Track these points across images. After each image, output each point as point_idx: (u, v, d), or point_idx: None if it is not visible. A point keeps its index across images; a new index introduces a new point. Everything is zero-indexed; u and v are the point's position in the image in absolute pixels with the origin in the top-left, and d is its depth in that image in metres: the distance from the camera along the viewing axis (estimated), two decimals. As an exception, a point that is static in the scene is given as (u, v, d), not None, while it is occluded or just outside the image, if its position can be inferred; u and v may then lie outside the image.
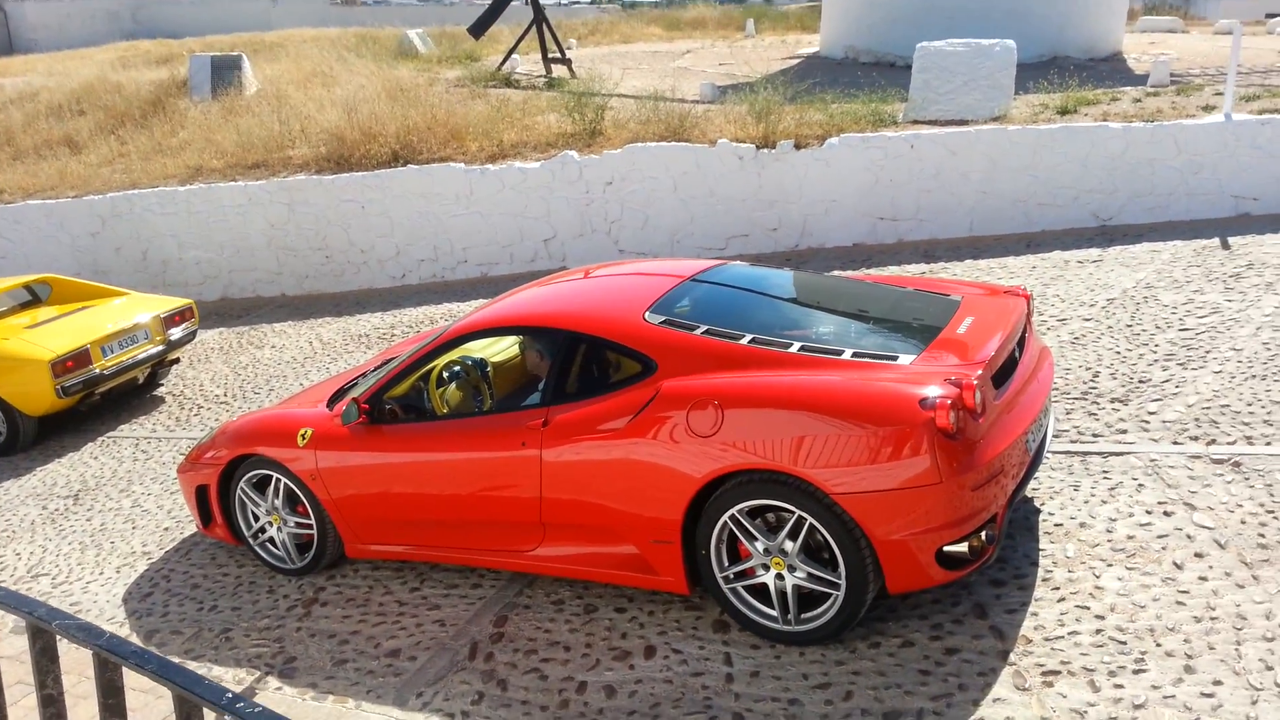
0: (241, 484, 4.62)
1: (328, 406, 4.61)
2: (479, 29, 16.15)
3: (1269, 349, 5.33)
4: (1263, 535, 3.70)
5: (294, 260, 9.93)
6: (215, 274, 10.16)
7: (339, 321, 8.94)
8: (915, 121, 9.21)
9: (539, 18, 14.90)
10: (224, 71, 13.86)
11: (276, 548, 4.65)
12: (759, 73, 13.41)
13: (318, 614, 4.27)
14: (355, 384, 4.86)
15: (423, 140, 10.13)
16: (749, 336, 3.65)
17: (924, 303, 4.16)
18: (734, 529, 3.44)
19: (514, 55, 15.39)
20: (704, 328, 3.72)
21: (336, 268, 9.87)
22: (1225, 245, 7.25)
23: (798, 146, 8.69)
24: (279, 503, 4.55)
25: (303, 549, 4.60)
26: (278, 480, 4.52)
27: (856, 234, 8.63)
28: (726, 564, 3.51)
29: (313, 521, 4.47)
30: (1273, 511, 3.85)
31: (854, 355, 3.49)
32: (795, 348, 3.57)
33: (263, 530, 4.67)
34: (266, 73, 14.59)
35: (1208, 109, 8.75)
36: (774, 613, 3.46)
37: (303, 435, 4.41)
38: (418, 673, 3.72)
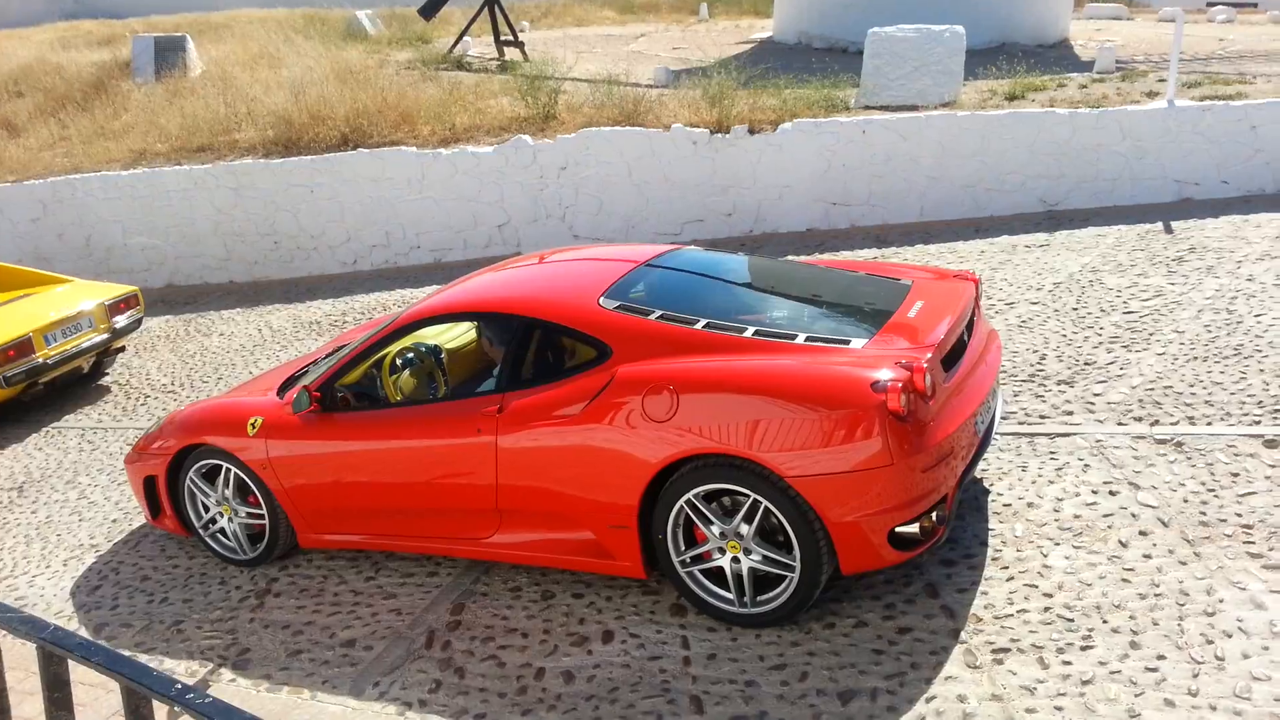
0: (191, 474, 4.53)
1: (278, 395, 4.54)
2: (430, 10, 15.91)
3: (1210, 331, 5.48)
4: (1204, 513, 3.81)
5: (242, 246, 9.72)
6: (161, 260, 9.92)
7: (289, 308, 8.78)
8: (867, 107, 9.28)
9: (491, 0, 14.72)
10: (168, 53, 13.49)
11: (228, 538, 4.57)
12: (713, 57, 13.40)
13: (271, 605, 4.21)
14: (306, 372, 4.78)
15: (373, 123, 9.97)
16: (704, 321, 3.66)
17: (875, 287, 4.22)
18: (690, 513, 3.46)
19: (466, 38, 15.20)
20: (659, 313, 3.72)
21: (285, 254, 9.69)
22: (1168, 229, 7.42)
23: (751, 132, 8.71)
24: (229, 493, 4.47)
25: (254, 539, 4.52)
26: (228, 470, 4.44)
27: (809, 219, 8.68)
28: (683, 548, 3.53)
29: (264, 511, 4.40)
30: (1213, 490, 3.96)
31: (807, 339, 3.52)
32: (749, 332, 3.59)
33: (213, 521, 4.59)
34: (212, 54, 14.23)
35: (1151, 95, 8.95)
36: (730, 595, 3.50)
37: (253, 424, 4.33)
38: (374, 662, 3.69)
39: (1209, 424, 4.50)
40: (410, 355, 4.41)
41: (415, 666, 3.63)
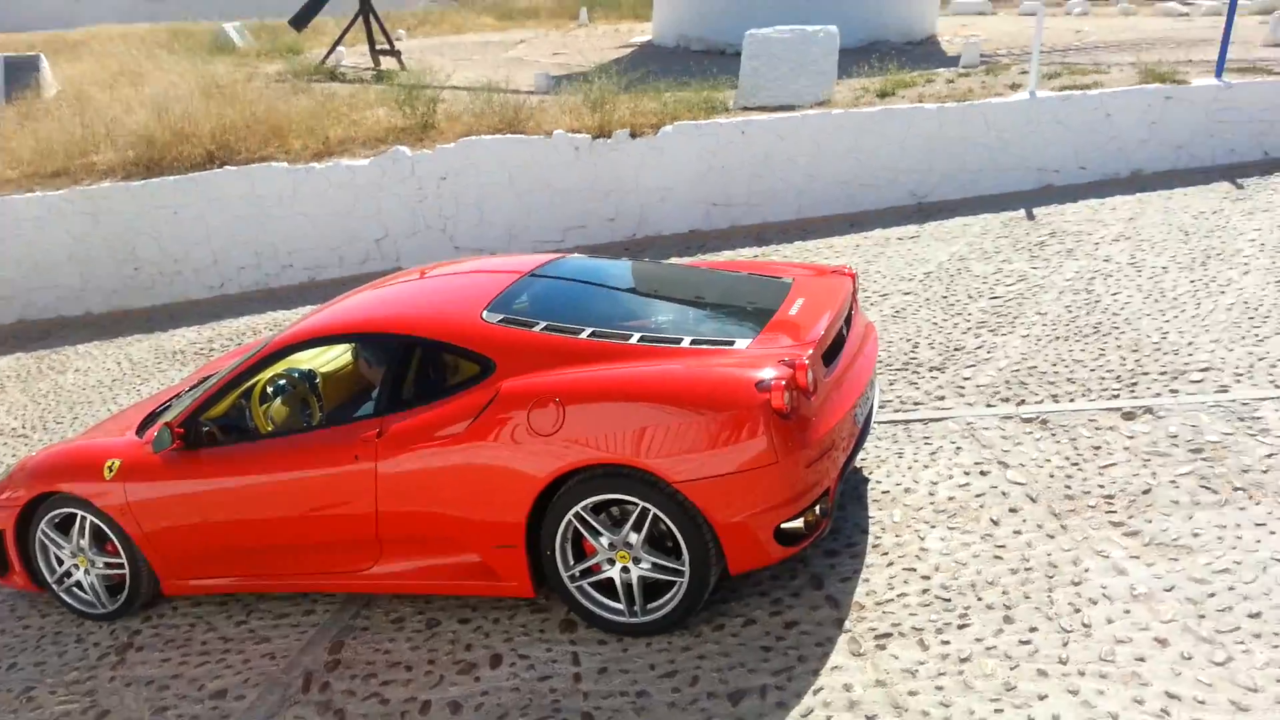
0: (42, 525, 4.23)
1: (137, 434, 4.28)
2: (301, 20, 15.50)
3: (1070, 312, 5.73)
4: (1069, 487, 3.97)
5: (100, 274, 9.18)
6: (10, 294, 9.27)
7: (150, 339, 8.32)
8: (746, 108, 9.41)
9: (365, 8, 14.42)
10: (20, 73, 12.77)
11: (84, 591, 4.27)
12: (593, 62, 13.41)
13: (133, 660, 3.95)
14: (168, 407, 4.53)
15: (241, 139, 9.59)
16: (589, 330, 3.62)
17: (757, 286, 4.26)
18: (578, 526, 3.41)
19: (339, 47, 14.82)
20: (543, 324, 3.67)
21: (147, 280, 9.19)
22: (1030, 216, 7.75)
23: (633, 136, 8.72)
24: (85, 543, 4.18)
25: (114, 591, 4.25)
26: (83, 518, 4.15)
27: (692, 220, 8.75)
28: (572, 562, 3.48)
29: (124, 560, 4.14)
30: (1077, 464, 4.13)
31: (692, 343, 3.52)
32: (635, 339, 3.56)
33: (68, 574, 4.29)
34: (68, 73, 13.50)
35: (1014, 87, 9.32)
36: (620, 606, 3.46)
37: (110, 467, 4.07)
38: (246, 712, 3.50)
39: (1071, 401, 4.70)
40: (282, 382, 4.22)
41: (292, 713, 3.45)
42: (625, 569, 3.40)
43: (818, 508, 3.37)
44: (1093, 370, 4.97)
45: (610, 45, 16.58)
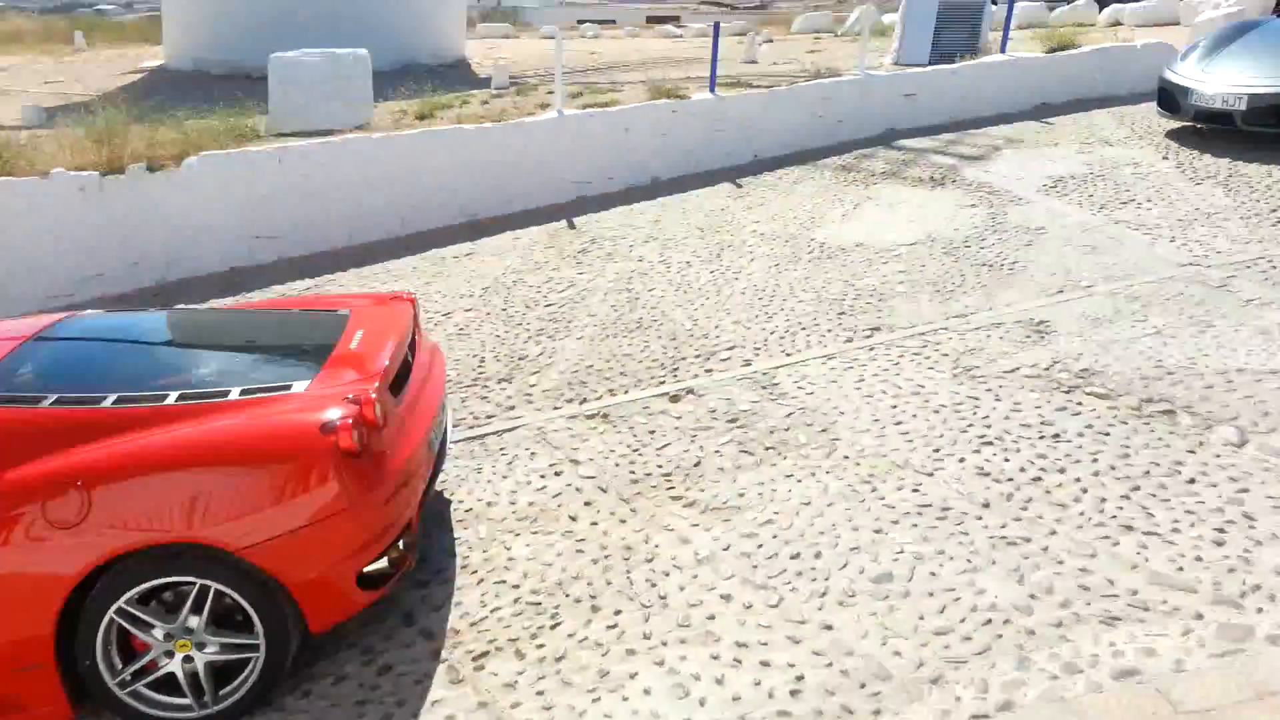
0: None
1: None
2: None
3: (616, 310, 6.23)
4: (633, 471, 4.29)
5: None
6: None
7: None
8: (280, 134, 8.91)
9: None
10: None
11: None
12: (96, 90, 11.82)
13: None
14: None
15: None
16: (113, 396, 3.17)
17: (312, 322, 4.08)
18: (123, 624, 2.97)
19: None
20: (53, 397, 3.15)
21: None
22: (571, 226, 8.29)
23: (151, 170, 7.80)
24: None
25: None
26: None
27: (233, 257, 8.06)
28: (120, 666, 3.02)
29: None
30: (637, 450, 4.48)
31: (243, 393, 3.24)
32: (172, 398, 3.19)
33: None
34: None
35: (543, 106, 9.91)
36: (187, 701, 3.06)
37: None
38: None
39: (626, 392, 5.10)
40: None
41: None
42: (188, 658, 3.04)
43: (401, 543, 3.29)
44: (640, 362, 5.44)
45: (116, 72, 14.78)
